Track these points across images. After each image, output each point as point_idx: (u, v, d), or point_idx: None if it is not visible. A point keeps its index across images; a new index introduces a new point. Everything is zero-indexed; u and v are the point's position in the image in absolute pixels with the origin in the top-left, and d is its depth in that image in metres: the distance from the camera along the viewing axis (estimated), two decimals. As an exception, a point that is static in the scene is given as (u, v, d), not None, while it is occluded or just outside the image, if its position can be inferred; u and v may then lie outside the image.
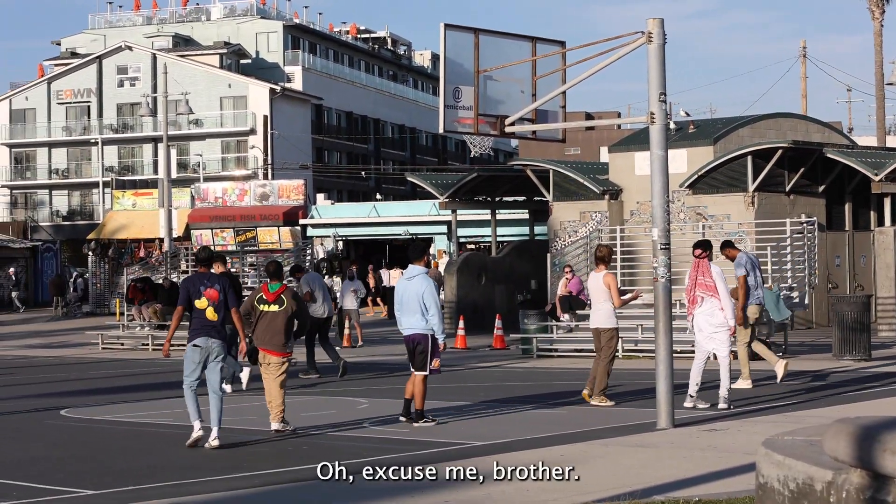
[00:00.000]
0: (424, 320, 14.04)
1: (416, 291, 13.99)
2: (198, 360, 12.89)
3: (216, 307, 12.89)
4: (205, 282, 13.03)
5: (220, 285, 13.04)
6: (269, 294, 13.94)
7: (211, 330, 12.89)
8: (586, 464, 10.83)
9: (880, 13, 47.43)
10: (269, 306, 13.91)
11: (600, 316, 15.87)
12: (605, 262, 15.71)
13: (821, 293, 29.88)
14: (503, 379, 20.37)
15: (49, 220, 75.48)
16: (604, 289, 15.63)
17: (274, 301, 13.91)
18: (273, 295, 13.93)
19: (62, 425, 15.40)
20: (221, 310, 12.93)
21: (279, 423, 13.68)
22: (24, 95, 77.68)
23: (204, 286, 12.97)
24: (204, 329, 12.88)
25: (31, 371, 24.32)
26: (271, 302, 13.91)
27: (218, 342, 12.92)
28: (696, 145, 31.89)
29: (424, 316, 14.02)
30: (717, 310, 15.04)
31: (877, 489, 5.42)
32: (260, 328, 13.90)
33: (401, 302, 14.22)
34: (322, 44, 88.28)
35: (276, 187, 53.78)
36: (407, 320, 14.20)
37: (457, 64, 15.13)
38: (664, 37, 13.56)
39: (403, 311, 14.21)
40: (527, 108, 15.28)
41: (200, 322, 12.91)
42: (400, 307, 14.26)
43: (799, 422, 12.76)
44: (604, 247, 16.04)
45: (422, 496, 9.58)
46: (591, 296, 15.99)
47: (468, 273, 33.92)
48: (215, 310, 12.89)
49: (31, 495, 10.35)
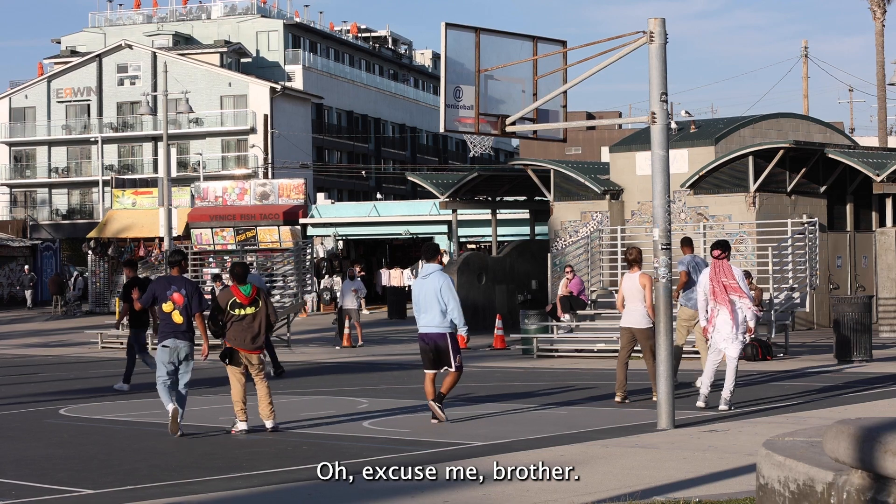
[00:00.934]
0: (443, 317, 14.24)
1: (433, 288, 14.23)
2: (167, 359, 13.88)
3: (181, 311, 13.84)
4: (171, 286, 13.97)
5: (185, 290, 13.95)
6: (244, 297, 13.88)
7: (178, 332, 13.87)
8: (586, 464, 10.81)
9: (882, 13, 47.40)
10: (244, 309, 13.89)
11: (636, 316, 16.08)
12: (639, 264, 16.15)
13: (822, 294, 29.86)
14: (503, 379, 20.35)
15: (49, 218, 75.47)
16: (639, 289, 15.94)
17: (250, 303, 13.92)
18: (248, 298, 13.91)
19: (61, 424, 15.39)
20: (185, 313, 13.86)
21: (273, 420, 13.88)
22: (24, 94, 77.67)
23: (171, 290, 13.92)
24: (172, 331, 13.88)
25: (30, 370, 24.31)
26: (247, 304, 13.90)
27: (185, 343, 13.91)
28: (697, 145, 31.86)
29: (444, 312, 14.22)
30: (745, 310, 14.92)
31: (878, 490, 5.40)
32: (238, 331, 13.87)
33: (418, 301, 14.43)
34: (323, 43, 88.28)
35: (276, 186, 53.73)
36: (424, 318, 14.38)
37: (458, 63, 15.11)
38: (665, 36, 13.54)
39: (421, 309, 14.40)
40: (528, 108, 15.26)
41: (167, 325, 13.92)
42: (417, 306, 14.46)
43: (800, 423, 12.74)
44: (634, 249, 16.48)
45: (422, 496, 9.56)
46: (626, 296, 16.19)
47: (468, 273, 33.90)
48: (180, 313, 13.85)
49: (30, 494, 10.33)
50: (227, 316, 13.88)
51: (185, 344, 13.90)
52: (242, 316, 13.88)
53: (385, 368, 22.87)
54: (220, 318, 13.93)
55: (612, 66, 14.42)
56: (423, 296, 14.33)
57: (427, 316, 14.31)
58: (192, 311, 13.92)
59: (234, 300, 13.88)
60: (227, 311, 13.89)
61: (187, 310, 13.87)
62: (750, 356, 21.98)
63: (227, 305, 13.90)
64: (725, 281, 14.87)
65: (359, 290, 30.24)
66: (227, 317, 13.88)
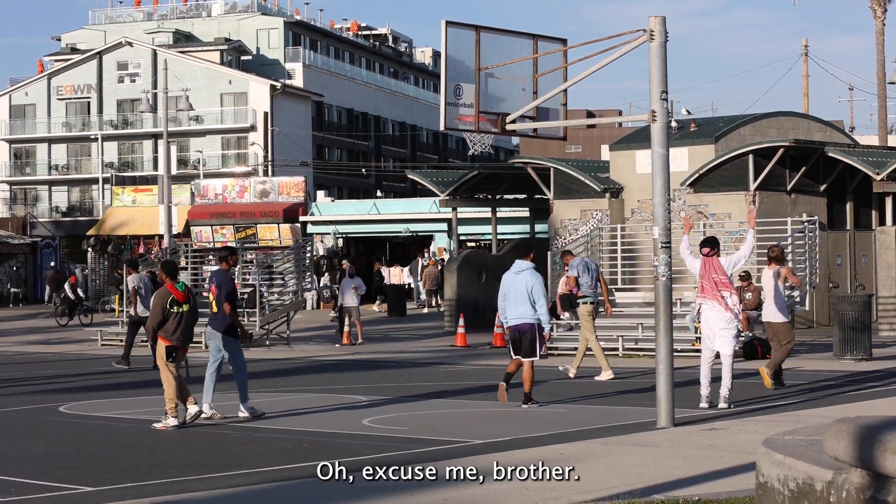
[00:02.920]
0: (532, 310, 15.13)
1: (525, 284, 15.18)
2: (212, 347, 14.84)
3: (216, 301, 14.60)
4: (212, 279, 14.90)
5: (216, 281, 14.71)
6: (181, 294, 14.17)
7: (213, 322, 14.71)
8: (586, 462, 10.81)
9: (882, 12, 47.37)
10: (181, 307, 14.15)
11: (773, 310, 17.22)
12: (779, 261, 17.18)
13: (822, 293, 29.85)
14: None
15: (48, 216, 75.43)
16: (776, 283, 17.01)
17: (185, 300, 14.18)
18: (184, 295, 14.19)
19: (61, 422, 15.38)
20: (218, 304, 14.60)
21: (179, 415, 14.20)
22: (24, 91, 77.63)
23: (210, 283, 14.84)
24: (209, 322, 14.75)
25: (29, 367, 24.30)
26: (183, 302, 14.16)
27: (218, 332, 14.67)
28: (697, 144, 31.85)
29: (533, 307, 15.10)
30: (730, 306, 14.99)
31: (877, 489, 5.40)
32: (176, 328, 14.11)
33: (506, 295, 15.38)
34: (323, 41, 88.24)
35: (276, 184, 53.70)
36: (513, 311, 15.31)
37: (458, 61, 15.10)
38: (666, 35, 13.53)
39: (509, 302, 15.35)
40: (528, 106, 15.25)
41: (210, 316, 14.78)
42: (505, 299, 15.41)
43: (799, 421, 12.75)
44: (776, 247, 17.82)
45: (421, 494, 9.56)
46: (765, 291, 17.37)
47: (468, 271, 33.89)
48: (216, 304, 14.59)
49: (30, 492, 10.34)
50: (167, 313, 14.08)
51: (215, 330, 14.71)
52: (180, 313, 14.11)
53: (385, 366, 22.88)
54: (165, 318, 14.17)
55: (612, 64, 14.43)
56: (514, 290, 15.28)
57: (517, 309, 15.24)
58: (222, 301, 14.54)
59: (173, 298, 14.12)
60: (166, 309, 14.08)
61: (219, 300, 14.58)
62: (749, 354, 21.99)
63: (167, 303, 14.09)
64: (716, 277, 14.94)
65: (358, 288, 30.23)
66: (167, 314, 14.08)
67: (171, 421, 14.05)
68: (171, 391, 14.15)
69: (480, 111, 15.09)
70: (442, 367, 22.65)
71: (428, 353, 26.02)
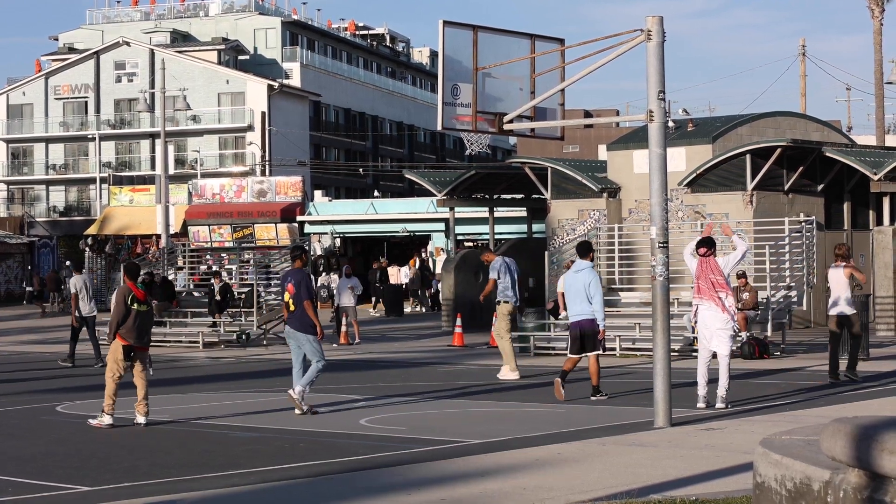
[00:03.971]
0: (590, 307, 15.91)
1: (583, 282, 15.94)
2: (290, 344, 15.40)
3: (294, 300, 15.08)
4: (288, 278, 15.31)
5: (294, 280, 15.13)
6: (141, 293, 14.36)
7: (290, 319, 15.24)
8: (583, 462, 10.82)
9: (880, 12, 47.41)
10: (142, 305, 14.31)
11: (843, 304, 18.08)
12: (846, 258, 18.03)
13: (819, 292, 29.83)
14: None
15: (46, 215, 75.41)
16: (844, 280, 17.88)
17: (145, 300, 14.38)
18: (144, 294, 14.38)
19: (60, 421, 15.39)
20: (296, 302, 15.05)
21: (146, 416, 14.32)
22: (22, 91, 77.60)
23: (286, 282, 15.26)
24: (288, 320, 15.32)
25: (26, 367, 24.30)
26: (143, 301, 14.33)
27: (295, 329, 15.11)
28: (694, 144, 31.85)
29: (590, 303, 15.88)
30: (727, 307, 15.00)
31: (874, 489, 5.41)
32: (135, 327, 14.25)
33: (568, 292, 16.35)
34: (320, 40, 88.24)
35: (273, 184, 53.66)
36: (574, 308, 16.12)
37: (455, 61, 15.11)
38: (663, 35, 13.54)
39: (569, 300, 16.28)
40: (525, 106, 15.26)
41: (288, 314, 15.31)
42: (567, 296, 16.40)
43: (797, 421, 12.75)
44: (842, 245, 18.64)
45: (418, 494, 9.56)
46: (833, 287, 18.23)
47: (466, 270, 33.88)
48: (294, 302, 15.09)
49: (27, 491, 10.34)
50: (128, 311, 14.22)
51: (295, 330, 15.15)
52: (139, 312, 14.25)
53: (382, 366, 22.88)
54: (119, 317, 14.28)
55: (609, 64, 14.44)
56: (574, 289, 16.10)
57: (577, 307, 16.03)
58: (301, 299, 15.00)
59: (133, 295, 14.29)
60: (126, 306, 14.22)
61: (298, 298, 15.02)
62: (747, 354, 22.00)
63: (128, 301, 14.23)
64: (713, 277, 14.94)
65: (355, 288, 30.23)
66: (128, 311, 14.22)
67: (106, 419, 14.30)
68: (110, 389, 14.36)
69: (478, 111, 15.10)
70: (439, 367, 22.66)
71: (425, 353, 26.03)
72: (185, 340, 29.57)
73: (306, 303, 15.06)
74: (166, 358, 26.15)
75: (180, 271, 37.12)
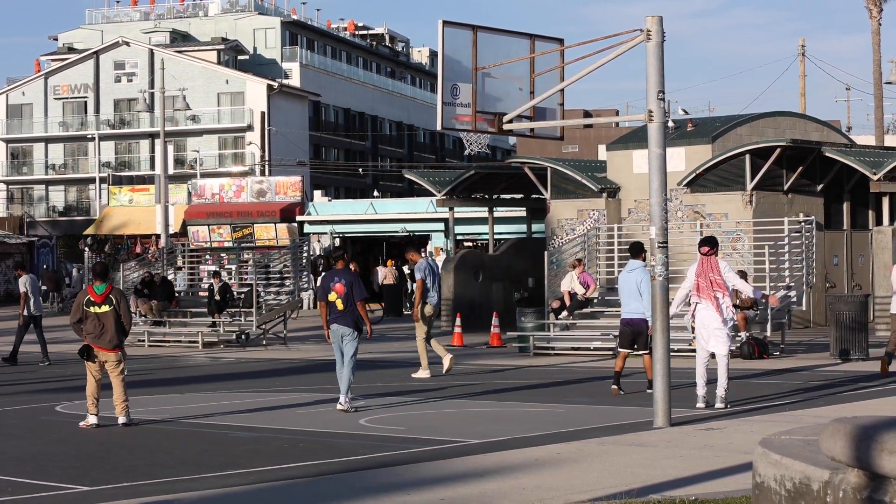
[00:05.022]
0: (642, 305, 16.43)
1: (634, 280, 16.66)
2: (334, 341, 15.72)
3: (342, 299, 15.46)
4: (335, 278, 15.64)
5: (345, 280, 15.54)
6: (97, 296, 14.54)
7: (339, 317, 15.54)
8: (583, 462, 10.82)
9: (878, 12, 47.41)
10: (98, 307, 14.51)
11: None
12: None
13: (818, 292, 29.86)
14: (500, 377, 20.35)
15: (45, 215, 75.40)
16: None
17: (103, 302, 14.53)
18: (101, 296, 14.56)
19: (59, 421, 15.39)
20: (346, 301, 15.49)
21: (126, 416, 14.43)
22: (21, 90, 77.59)
23: (334, 281, 15.59)
24: (335, 317, 15.61)
25: (26, 366, 24.29)
26: (100, 303, 14.51)
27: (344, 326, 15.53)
28: (694, 144, 31.85)
29: (641, 301, 16.44)
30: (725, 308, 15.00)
31: (874, 489, 5.40)
32: (91, 328, 14.48)
33: (622, 291, 17.10)
34: (320, 40, 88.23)
35: (273, 184, 53.64)
36: (626, 306, 16.92)
37: (455, 61, 15.11)
38: (663, 35, 13.54)
39: (623, 299, 17.06)
40: (525, 106, 15.26)
41: (332, 312, 15.61)
42: (622, 295, 17.13)
43: (796, 421, 12.75)
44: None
45: (418, 493, 9.56)
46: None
47: (465, 270, 33.89)
48: (342, 301, 15.46)
49: (26, 491, 10.34)
50: (84, 313, 14.52)
51: (344, 327, 15.54)
52: (95, 314, 14.48)
53: (381, 366, 22.87)
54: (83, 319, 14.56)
55: (609, 64, 14.44)
56: (626, 288, 16.88)
57: (630, 305, 16.78)
58: (354, 299, 15.53)
59: (89, 298, 14.56)
60: (82, 308, 14.53)
61: (349, 297, 15.48)
62: (746, 354, 22.00)
63: (83, 303, 14.54)
64: (713, 277, 14.94)
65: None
66: (84, 314, 14.52)
67: (91, 420, 14.40)
68: (89, 389, 14.51)
69: (477, 111, 15.10)
70: (439, 367, 22.64)
71: (425, 353, 25.98)
72: (184, 340, 29.58)
73: (359, 302, 15.61)
74: (166, 358, 26.17)
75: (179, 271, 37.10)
